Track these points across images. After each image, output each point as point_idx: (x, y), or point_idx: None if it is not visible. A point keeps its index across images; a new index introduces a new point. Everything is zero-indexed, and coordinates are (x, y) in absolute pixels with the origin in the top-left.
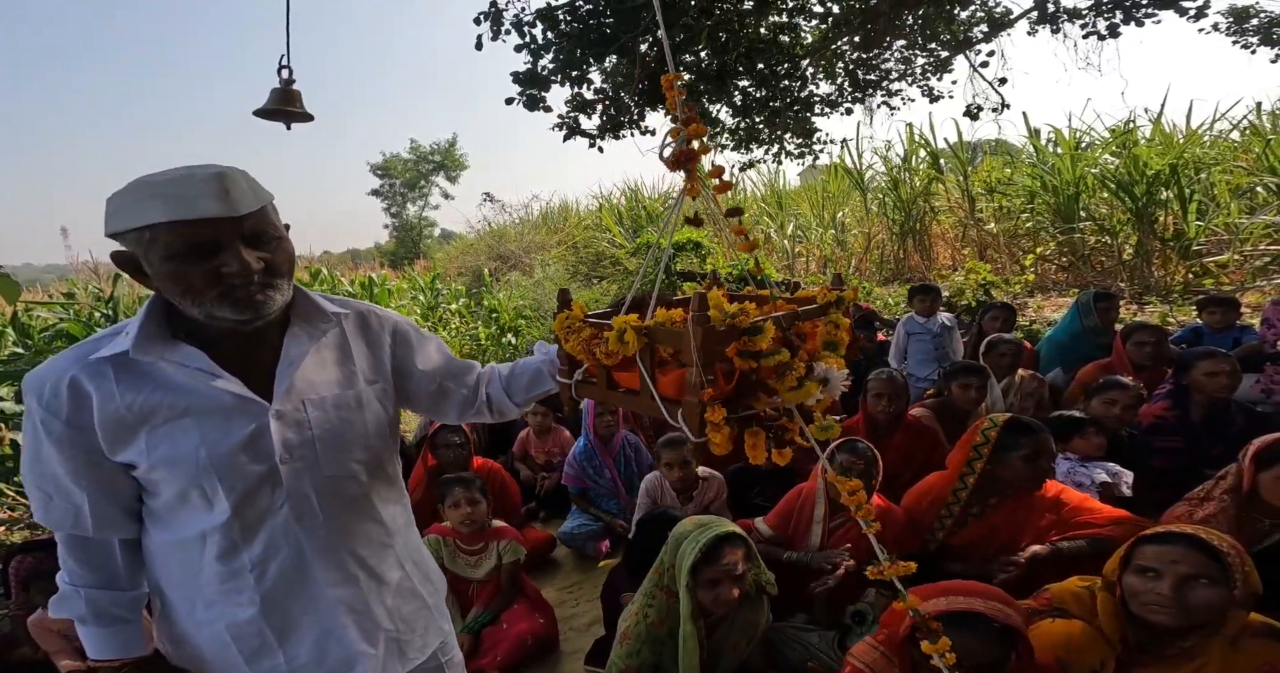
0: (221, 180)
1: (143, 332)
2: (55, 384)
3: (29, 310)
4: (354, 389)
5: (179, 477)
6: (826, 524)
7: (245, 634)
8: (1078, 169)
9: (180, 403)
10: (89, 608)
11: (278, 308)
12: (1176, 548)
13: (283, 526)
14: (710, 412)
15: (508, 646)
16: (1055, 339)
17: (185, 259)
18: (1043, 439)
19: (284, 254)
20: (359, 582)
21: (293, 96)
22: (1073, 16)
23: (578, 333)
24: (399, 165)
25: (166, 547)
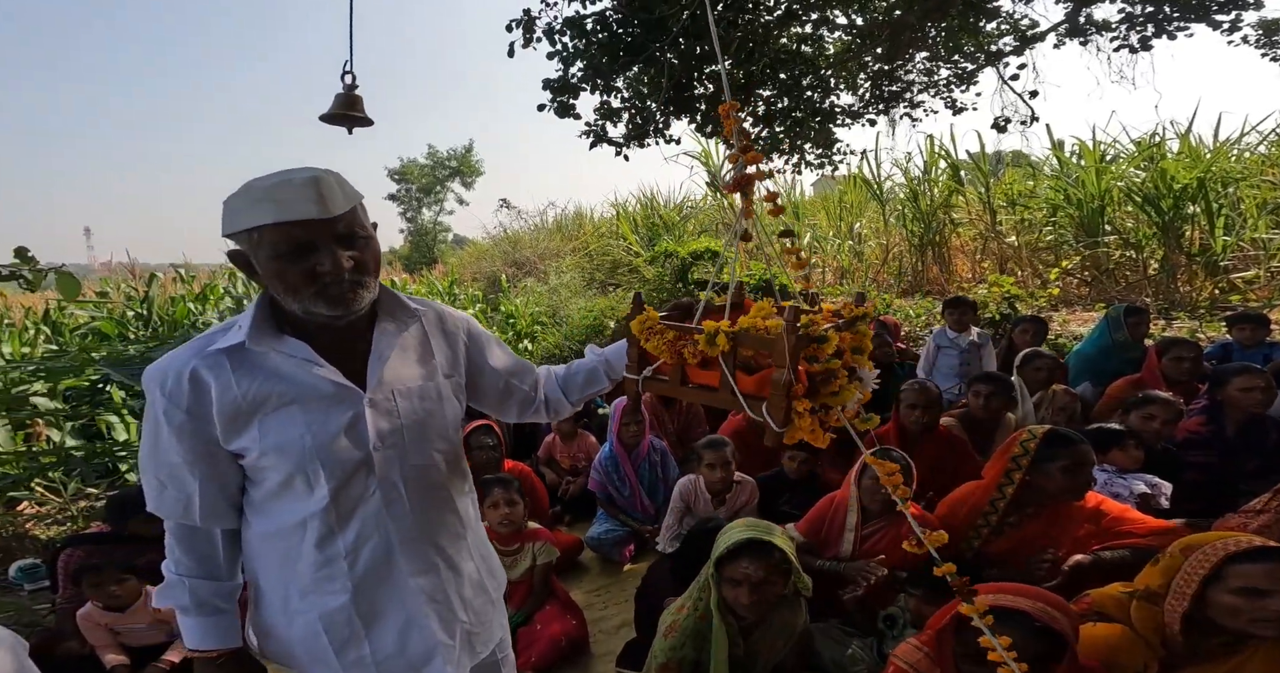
0: (317, 184)
1: (254, 325)
2: (178, 375)
3: (62, 308)
4: (434, 382)
5: (286, 462)
6: (859, 532)
7: (337, 623)
8: (1103, 182)
9: (289, 392)
10: (191, 598)
11: (366, 304)
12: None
13: (374, 513)
14: (798, 403)
15: (542, 646)
16: (1083, 353)
17: (286, 258)
18: (1083, 450)
19: (372, 253)
20: (439, 572)
21: (355, 101)
22: (1102, 29)
23: (660, 334)
24: (416, 170)
25: (266, 537)
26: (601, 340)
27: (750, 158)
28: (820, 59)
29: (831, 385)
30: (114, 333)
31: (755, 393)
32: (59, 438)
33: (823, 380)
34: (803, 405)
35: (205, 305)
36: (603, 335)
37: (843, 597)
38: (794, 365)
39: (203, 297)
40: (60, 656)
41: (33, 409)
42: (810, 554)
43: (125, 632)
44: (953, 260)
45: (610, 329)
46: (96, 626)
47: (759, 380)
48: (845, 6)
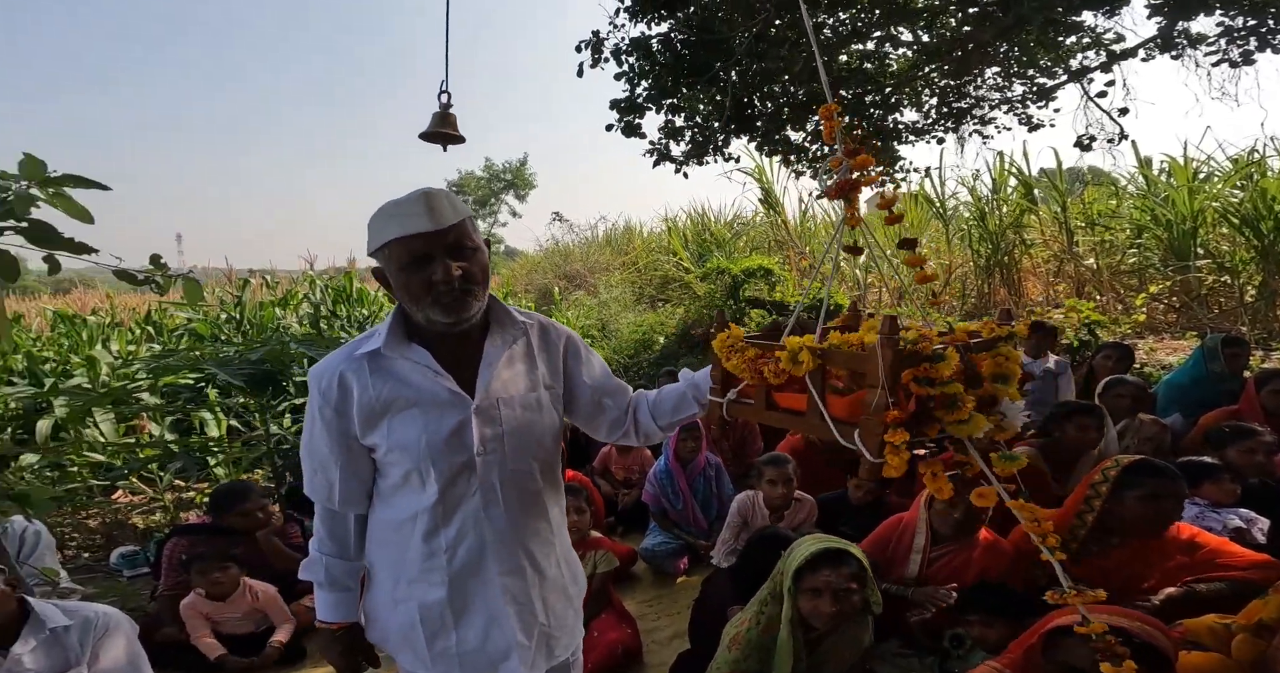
0: (428, 198)
1: (390, 333)
2: (331, 377)
3: (163, 310)
4: (536, 393)
5: (406, 459)
6: (926, 554)
7: (431, 615)
8: (1195, 202)
9: (412, 395)
10: (326, 574)
11: (476, 312)
12: None
13: (473, 512)
14: (892, 434)
15: (599, 654)
16: (1175, 383)
17: (408, 269)
18: (1166, 483)
19: (479, 264)
20: (525, 573)
21: (450, 120)
22: (1196, 43)
23: (741, 352)
24: (473, 183)
25: (386, 525)
26: (649, 356)
27: (858, 162)
28: (883, 76)
29: (958, 411)
30: (208, 334)
31: (848, 418)
32: (159, 432)
33: (943, 406)
34: (897, 436)
35: (286, 311)
36: (651, 350)
37: (910, 619)
38: (893, 386)
39: (284, 302)
40: (158, 641)
41: (139, 404)
42: (873, 574)
43: (221, 621)
44: (1023, 282)
45: (659, 345)
46: (197, 614)
47: (852, 403)
48: (911, 24)
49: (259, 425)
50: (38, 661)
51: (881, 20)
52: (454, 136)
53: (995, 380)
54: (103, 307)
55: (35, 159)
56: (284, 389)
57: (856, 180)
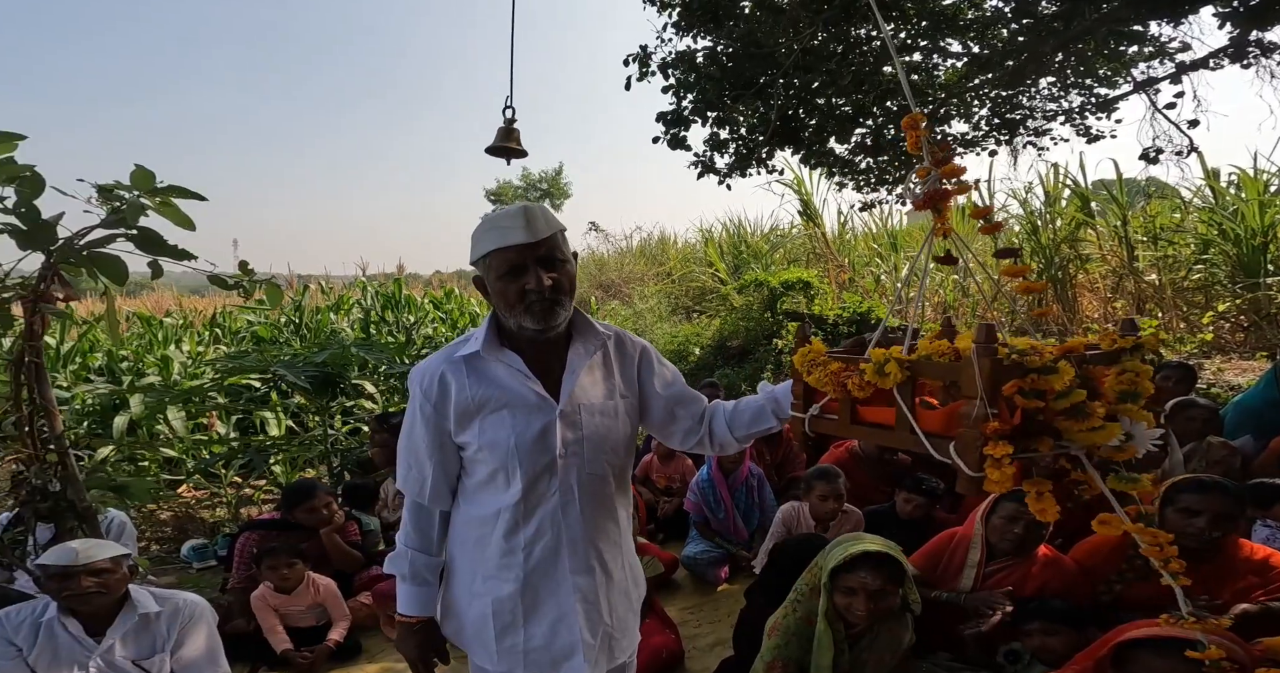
0: (525, 212)
1: (487, 338)
2: (432, 376)
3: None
4: (614, 400)
5: (494, 458)
6: (981, 569)
7: (504, 610)
8: (1267, 216)
9: (503, 397)
10: (410, 567)
11: (563, 321)
12: None
13: (551, 512)
14: (993, 447)
15: (643, 657)
16: (1245, 405)
17: (505, 278)
18: (1209, 498)
19: (568, 276)
20: (595, 574)
21: (513, 134)
22: (1269, 52)
23: (823, 366)
24: (510, 192)
25: (470, 521)
26: (684, 367)
27: (947, 171)
28: (931, 88)
29: (1088, 420)
30: (269, 337)
31: (941, 432)
32: (225, 430)
33: (1068, 415)
34: (1000, 449)
35: (339, 315)
36: (687, 361)
37: (964, 631)
38: (991, 397)
39: (337, 307)
40: (228, 632)
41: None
42: (925, 586)
43: (287, 613)
44: (1078, 299)
45: (695, 355)
46: (266, 606)
47: (946, 416)
48: (960, 35)
49: (313, 426)
50: (127, 644)
51: (929, 32)
52: (517, 151)
53: (1121, 399)
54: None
55: (145, 170)
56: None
57: (946, 190)
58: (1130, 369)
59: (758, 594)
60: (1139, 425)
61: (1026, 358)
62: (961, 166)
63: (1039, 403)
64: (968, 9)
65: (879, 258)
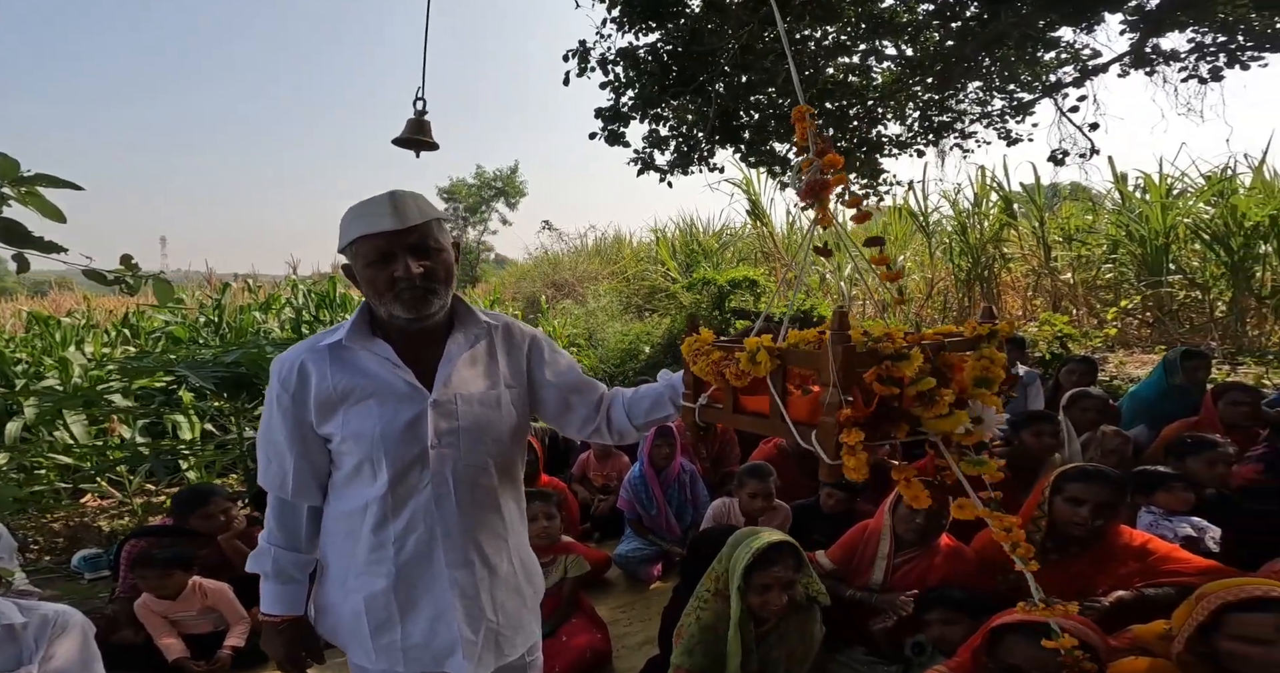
0: (392, 199)
1: (353, 327)
2: (291, 366)
3: (141, 312)
4: (496, 390)
5: (359, 450)
6: (890, 560)
7: (377, 606)
8: (1168, 218)
9: (370, 386)
10: (273, 565)
11: (438, 310)
12: (1277, 616)
13: (424, 505)
14: (846, 434)
15: (567, 658)
16: (1140, 396)
17: (373, 266)
18: (1093, 487)
19: (442, 264)
20: (474, 568)
21: (424, 127)
22: (1170, 59)
23: (707, 355)
24: (464, 190)
25: (339, 516)
26: (635, 365)
27: (828, 161)
28: (868, 90)
29: (935, 407)
30: (186, 337)
31: (807, 420)
32: (130, 435)
33: (919, 401)
34: (852, 437)
35: (268, 314)
36: (638, 360)
37: (872, 627)
38: (847, 384)
39: (266, 306)
40: (115, 642)
41: (110, 406)
42: (840, 583)
43: (179, 620)
44: (1002, 296)
45: (645, 354)
46: (153, 613)
47: (810, 404)
48: (896, 37)
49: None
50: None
51: (866, 34)
52: (428, 143)
53: (977, 384)
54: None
55: (8, 158)
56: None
57: (826, 180)
58: (985, 356)
59: (681, 590)
60: (988, 410)
61: (880, 345)
62: (839, 158)
63: (895, 390)
64: (903, 12)
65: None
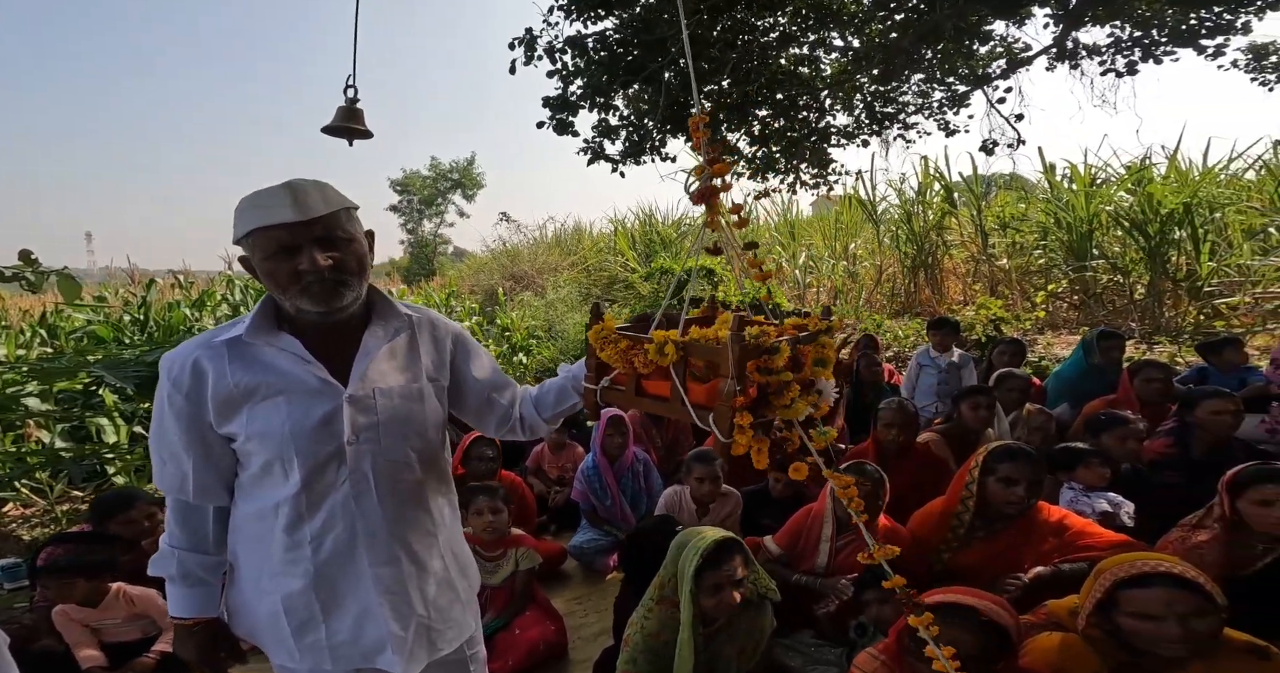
0: (291, 190)
1: (254, 321)
2: (183, 364)
3: (59, 311)
4: (418, 383)
5: (267, 448)
6: (834, 543)
7: (296, 606)
8: (1092, 206)
9: (277, 383)
10: (178, 568)
11: (350, 302)
12: (1166, 591)
13: (342, 502)
14: (740, 417)
15: (520, 651)
16: (1062, 375)
17: (273, 259)
18: (1021, 466)
19: (354, 255)
20: (400, 565)
21: (356, 115)
22: (1092, 53)
23: (614, 343)
24: (418, 182)
25: (248, 517)
26: None
27: (716, 169)
28: (817, 80)
29: (784, 397)
30: (110, 337)
31: (705, 404)
32: (49, 440)
33: (775, 392)
34: (744, 419)
35: (203, 312)
36: None
37: (816, 612)
38: (741, 376)
39: (200, 303)
40: (35, 652)
41: (24, 410)
42: (786, 568)
43: (103, 628)
44: (944, 282)
45: None
46: (72, 622)
47: (709, 391)
48: (842, 29)
49: None
50: None
51: (815, 25)
52: (361, 131)
53: (816, 364)
54: None
55: None
56: None
57: (716, 187)
58: (822, 343)
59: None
60: (825, 383)
61: (761, 340)
62: (728, 166)
63: (768, 378)
64: (850, 3)
65: (780, 246)
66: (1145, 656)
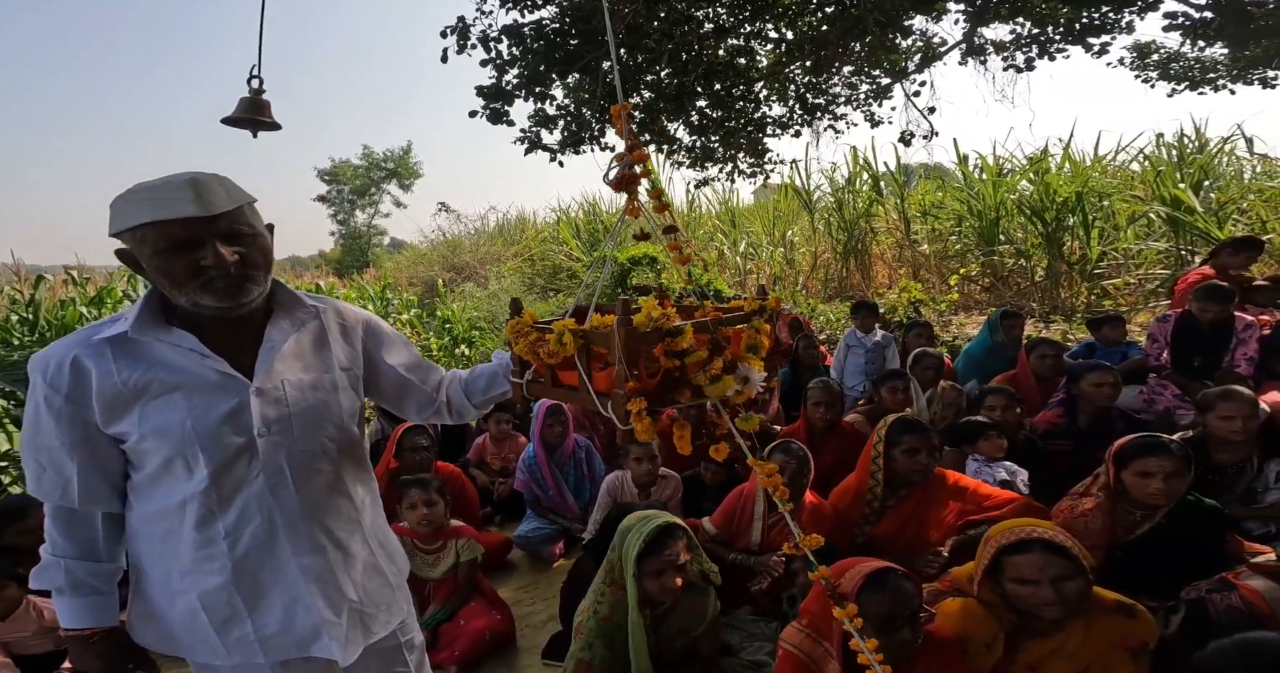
0: (194, 185)
1: (140, 317)
2: (59, 363)
3: None
4: (330, 374)
5: (166, 446)
6: (766, 521)
7: (216, 603)
8: (998, 195)
9: (172, 379)
10: (66, 578)
11: (255, 297)
12: (1040, 556)
13: (257, 495)
14: (631, 403)
15: (466, 641)
16: (971, 353)
17: (169, 254)
18: (919, 436)
19: (259, 249)
20: (326, 552)
21: (261, 106)
22: (998, 50)
23: (525, 336)
24: (349, 171)
25: (149, 518)
26: None
27: (636, 156)
28: (752, 71)
29: (703, 376)
30: None
31: (605, 391)
32: None
33: (695, 369)
34: (635, 405)
35: (101, 309)
36: None
37: (751, 588)
38: (630, 360)
39: (99, 300)
40: None
41: None
42: (723, 547)
43: (12, 641)
44: (873, 267)
45: None
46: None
47: (606, 378)
48: (776, 21)
49: None
50: None
51: (750, 17)
52: (268, 123)
53: (748, 350)
54: None
55: None
56: None
57: (635, 174)
58: (753, 327)
59: (586, 563)
60: (753, 371)
61: (659, 323)
62: (646, 153)
63: (677, 362)
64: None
65: (721, 234)
66: (1031, 618)
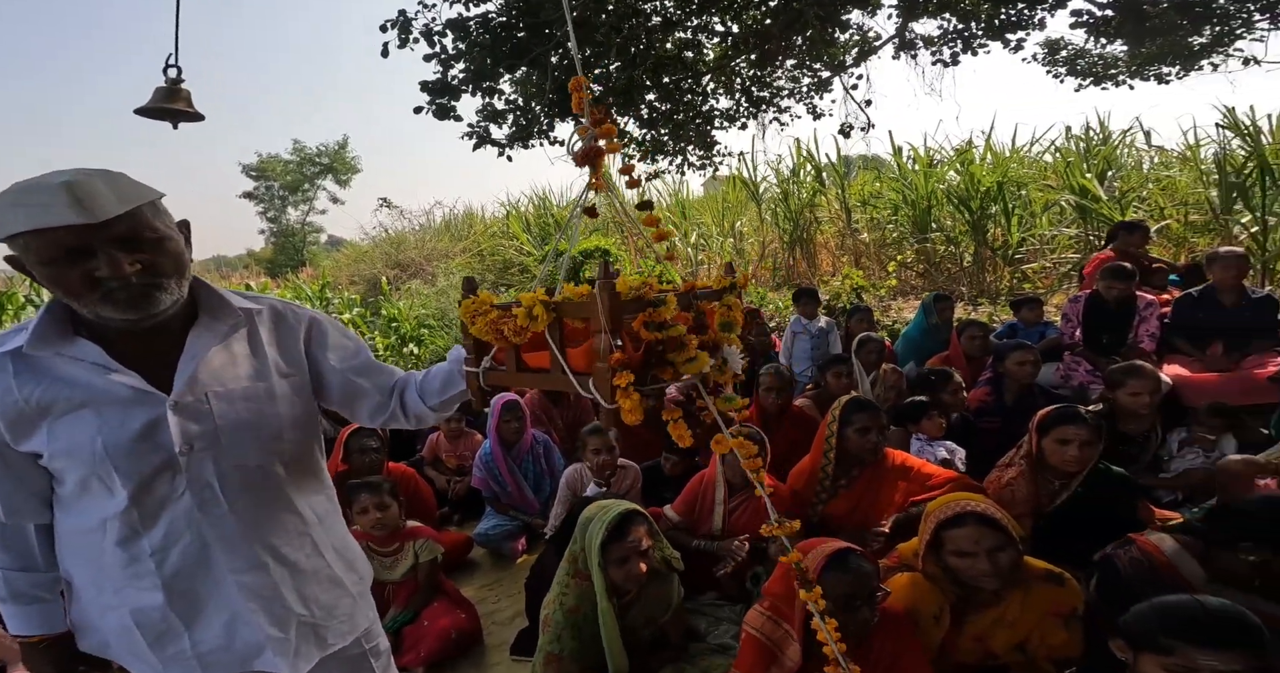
0: (71, 189)
1: (39, 329)
2: None
3: None
4: (266, 382)
5: (78, 466)
6: (726, 506)
7: (150, 620)
8: (929, 185)
9: (78, 396)
10: (7, 589)
11: (167, 306)
12: (974, 528)
13: (184, 513)
14: (618, 377)
15: (431, 641)
16: (908, 336)
17: (58, 265)
18: (871, 415)
19: (167, 254)
20: (268, 569)
21: (179, 95)
22: (927, 45)
23: (485, 315)
24: (278, 167)
25: (73, 533)
26: None
27: (602, 131)
28: (700, 64)
29: (683, 353)
30: None
31: (585, 369)
32: None
33: (672, 346)
34: (623, 379)
35: (1, 316)
36: None
37: (715, 573)
38: (616, 330)
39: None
40: None
41: None
42: (686, 534)
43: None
44: (817, 255)
45: None
46: None
47: (586, 352)
48: (722, 14)
49: None
50: None
51: (697, 10)
52: (189, 114)
53: (722, 328)
54: None
55: None
56: None
57: (600, 148)
58: (726, 304)
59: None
60: (731, 350)
61: (641, 292)
62: (612, 127)
63: (659, 335)
64: None
65: (673, 226)
66: (974, 590)
